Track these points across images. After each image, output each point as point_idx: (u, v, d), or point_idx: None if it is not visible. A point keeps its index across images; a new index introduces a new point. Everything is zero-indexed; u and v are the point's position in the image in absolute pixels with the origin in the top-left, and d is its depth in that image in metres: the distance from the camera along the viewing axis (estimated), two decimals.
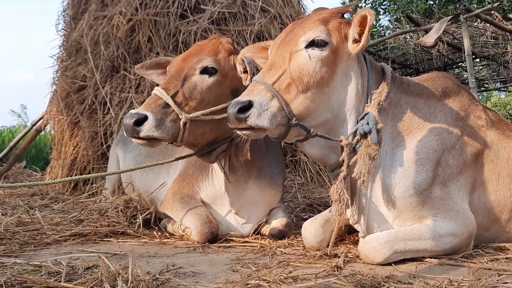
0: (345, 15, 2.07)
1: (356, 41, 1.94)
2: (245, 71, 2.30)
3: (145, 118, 2.04)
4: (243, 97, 1.79)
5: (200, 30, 4.36)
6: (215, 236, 2.39)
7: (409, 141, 2.05)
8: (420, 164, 1.99)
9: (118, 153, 3.47)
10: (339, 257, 2.03)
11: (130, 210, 2.78)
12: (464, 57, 6.61)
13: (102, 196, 3.40)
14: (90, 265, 1.85)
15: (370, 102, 2.01)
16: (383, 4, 14.95)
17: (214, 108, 2.24)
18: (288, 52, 1.91)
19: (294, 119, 1.82)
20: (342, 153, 1.96)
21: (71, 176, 4.53)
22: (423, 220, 2.02)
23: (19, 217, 2.64)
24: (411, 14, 8.26)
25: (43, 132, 5.89)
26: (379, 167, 2.03)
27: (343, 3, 15.36)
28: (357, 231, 2.29)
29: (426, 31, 7.11)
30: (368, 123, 1.92)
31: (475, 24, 8.83)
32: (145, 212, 2.76)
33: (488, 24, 8.24)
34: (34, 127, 5.79)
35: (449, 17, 6.51)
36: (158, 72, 2.53)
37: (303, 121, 1.87)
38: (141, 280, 1.56)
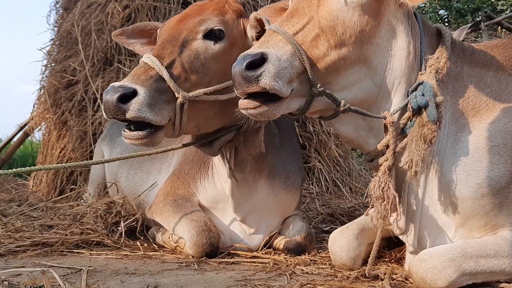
0: None
1: None
2: (258, 38, 1.79)
3: (134, 93, 1.52)
4: (254, 49, 1.28)
5: None
6: (215, 249, 1.86)
7: (477, 124, 1.53)
8: (495, 153, 1.46)
9: (103, 150, 2.96)
10: (382, 279, 1.49)
11: (112, 216, 2.25)
12: None
13: (82, 200, 2.88)
14: (37, 284, 1.32)
15: (425, 70, 1.50)
16: None
17: (219, 85, 1.73)
18: None
19: (319, 85, 1.31)
20: (385, 135, 1.44)
21: (56, 181, 4.05)
22: (498, 231, 1.50)
23: None
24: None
25: (32, 137, 5.41)
26: (436, 156, 1.51)
27: None
28: (400, 245, 1.76)
29: None
30: (423, 95, 1.41)
31: (496, 33, 8.44)
32: (129, 218, 2.23)
33: (509, 32, 7.85)
34: (22, 130, 5.34)
35: (469, 24, 6.08)
36: (142, 41, 2.01)
37: (334, 90, 1.37)
38: None
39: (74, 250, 1.94)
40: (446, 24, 11.16)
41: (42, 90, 4.40)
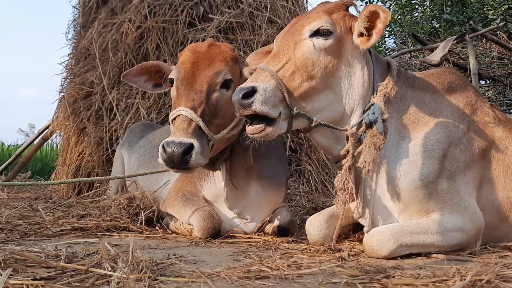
0: (350, 9, 2.09)
1: (362, 35, 1.95)
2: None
3: (191, 147, 1.96)
4: (247, 83, 1.79)
5: (208, 38, 4.40)
6: (217, 232, 2.35)
7: (415, 134, 2.03)
8: (426, 156, 1.97)
9: (123, 154, 3.47)
10: (343, 251, 1.98)
11: (133, 208, 2.76)
12: (470, 77, 6.65)
13: (105, 196, 3.39)
14: (91, 251, 1.82)
15: (376, 94, 2.01)
16: (389, 25, 15.06)
17: (233, 123, 2.20)
18: (292, 42, 1.92)
19: (295, 108, 1.82)
20: (347, 143, 1.95)
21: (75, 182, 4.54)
22: (430, 214, 1.99)
23: (22, 210, 2.62)
24: (416, 33, 8.31)
25: (50, 141, 5.90)
26: (384, 158, 2.01)
27: None
28: (362, 230, 2.25)
29: (432, 50, 7.17)
30: (374, 113, 1.91)
31: (481, 44, 8.89)
32: (147, 210, 2.73)
33: (494, 44, 8.29)
34: (41, 136, 5.82)
35: (455, 36, 6.58)
36: (144, 78, 2.42)
37: (308, 111, 1.87)
38: (141, 261, 1.53)
39: (105, 234, 2.43)
40: (437, 34, 11.63)
41: (62, 100, 4.92)
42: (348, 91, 1.96)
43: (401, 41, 13.50)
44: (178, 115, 2.05)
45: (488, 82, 9.67)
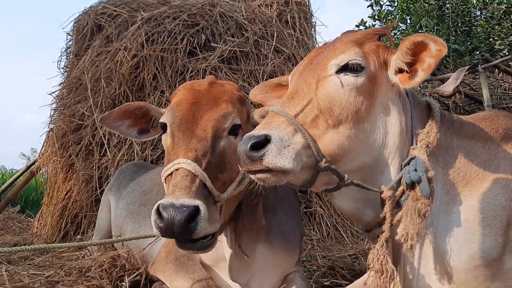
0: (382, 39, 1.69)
1: (400, 71, 1.55)
2: None
3: (197, 211, 1.47)
4: (258, 131, 1.38)
5: (209, 68, 4.05)
6: None
7: (468, 195, 1.60)
8: (486, 225, 1.53)
9: (110, 200, 3.04)
10: None
11: (117, 269, 2.31)
12: (483, 109, 6.33)
13: (87, 250, 2.94)
14: None
15: (416, 144, 1.59)
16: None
17: (239, 177, 1.71)
18: (314, 78, 1.51)
19: (324, 160, 1.40)
20: (382, 208, 1.52)
21: (61, 223, 4.12)
22: None
23: None
24: None
25: (37, 175, 5.49)
26: (430, 227, 1.58)
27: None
28: None
29: (442, 81, 6.89)
30: (416, 170, 1.49)
31: (493, 75, 8.60)
32: (134, 272, 2.28)
33: (506, 75, 7.99)
34: (29, 169, 5.43)
35: (467, 67, 6.24)
36: (127, 122, 1.96)
37: (335, 164, 1.45)
38: None
39: None
40: (445, 62, 11.36)
41: (51, 133, 4.53)
42: (383, 140, 1.54)
43: None
44: (177, 169, 1.57)
45: None
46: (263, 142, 1.34)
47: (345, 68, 1.49)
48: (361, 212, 1.59)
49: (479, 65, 6.10)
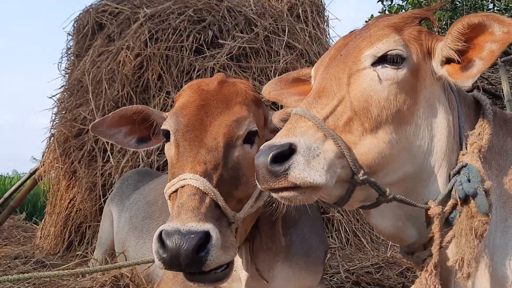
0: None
1: (448, 61, 1.29)
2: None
3: (208, 237, 1.22)
4: (280, 139, 1.12)
5: (218, 67, 3.83)
6: None
7: None
8: None
9: (112, 211, 2.81)
10: None
11: None
12: (503, 104, 6.09)
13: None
14: None
15: (466, 149, 1.33)
16: None
17: (256, 192, 1.45)
18: (345, 73, 1.26)
19: (362, 172, 1.15)
20: (428, 226, 1.27)
21: (64, 233, 3.92)
22: None
23: None
24: None
25: (39, 183, 5.32)
26: (486, 248, 1.31)
27: None
28: None
29: None
30: (469, 181, 1.23)
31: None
32: None
33: None
34: (32, 176, 5.25)
35: None
36: (123, 130, 1.72)
37: (373, 176, 1.19)
38: None
39: None
40: None
41: (52, 139, 4.33)
42: (428, 145, 1.28)
43: None
44: (183, 186, 1.32)
45: None
46: (287, 153, 1.09)
47: (383, 60, 1.24)
48: (402, 232, 1.33)
49: (498, 58, 5.91)
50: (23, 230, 5.54)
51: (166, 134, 1.50)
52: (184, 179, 1.31)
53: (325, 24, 4.89)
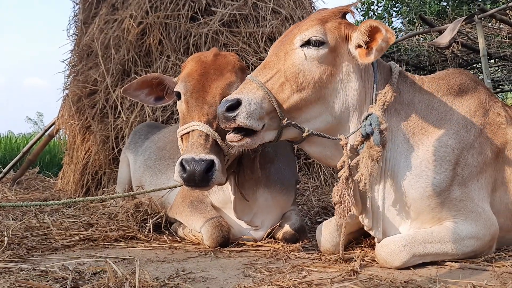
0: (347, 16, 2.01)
1: (359, 46, 1.86)
2: None
3: (213, 164, 1.88)
4: (233, 95, 1.74)
5: (211, 33, 4.33)
6: (226, 240, 2.32)
7: (425, 141, 1.96)
8: (437, 164, 1.91)
9: (128, 157, 3.44)
10: (355, 261, 1.95)
11: (141, 214, 2.74)
12: (479, 58, 6.47)
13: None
14: (98, 270, 1.81)
15: (376, 103, 1.93)
16: (396, 6, 14.80)
17: None
18: (283, 51, 1.87)
19: (286, 118, 1.77)
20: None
21: (82, 180, 4.54)
22: (443, 222, 1.94)
23: (28, 222, 2.61)
24: (424, 15, 8.12)
25: (55, 138, 5.88)
26: (392, 168, 1.95)
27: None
28: None
29: (440, 32, 6.99)
30: (370, 124, 1.83)
31: (490, 24, 8.68)
32: (155, 216, 2.71)
33: (503, 24, 8.09)
34: (46, 133, 5.81)
35: (463, 17, 6.40)
36: (145, 92, 2.36)
37: (299, 122, 1.82)
38: (149, 286, 1.51)
39: (113, 244, 2.41)
40: (444, 12, 11.40)
41: (66, 98, 4.88)
42: (343, 102, 1.88)
43: (408, 21, 13.25)
44: (193, 130, 1.97)
45: (497, 61, 9.51)
46: (235, 105, 1.71)
47: (308, 43, 1.83)
48: (328, 157, 1.95)
49: (475, 15, 6.23)
50: (39, 181, 6.18)
51: (178, 95, 2.13)
52: (193, 125, 1.96)
53: None
